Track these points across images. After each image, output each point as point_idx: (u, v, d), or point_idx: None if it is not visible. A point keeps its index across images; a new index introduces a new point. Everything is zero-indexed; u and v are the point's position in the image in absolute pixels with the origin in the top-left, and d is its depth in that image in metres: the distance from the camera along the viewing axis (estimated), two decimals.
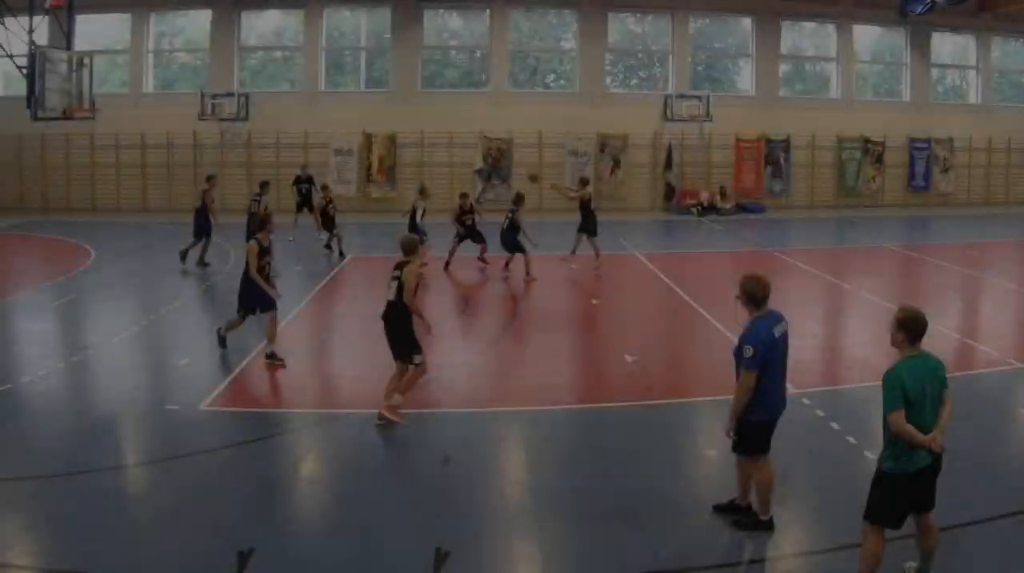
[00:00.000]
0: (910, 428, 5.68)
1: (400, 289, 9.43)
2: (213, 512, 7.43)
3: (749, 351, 6.55)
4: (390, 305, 9.57)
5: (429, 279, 17.46)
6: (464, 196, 18.98)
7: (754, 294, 6.69)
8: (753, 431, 6.77)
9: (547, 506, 7.58)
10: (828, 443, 8.86)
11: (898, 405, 5.67)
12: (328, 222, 20.56)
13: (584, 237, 19.25)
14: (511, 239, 17.91)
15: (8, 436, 9.32)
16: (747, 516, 7.04)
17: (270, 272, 11.84)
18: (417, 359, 9.62)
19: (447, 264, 18.49)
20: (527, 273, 17.56)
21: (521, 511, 7.56)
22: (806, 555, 6.71)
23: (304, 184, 23.50)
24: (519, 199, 18.20)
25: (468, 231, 18.48)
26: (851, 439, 8.89)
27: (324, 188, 21.91)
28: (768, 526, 6.91)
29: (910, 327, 5.83)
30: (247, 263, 11.53)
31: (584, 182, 20.27)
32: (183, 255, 19.06)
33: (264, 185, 19.22)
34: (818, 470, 8.23)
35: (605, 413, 10.06)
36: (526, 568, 6.81)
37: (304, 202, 23.30)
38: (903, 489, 5.80)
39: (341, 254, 20.12)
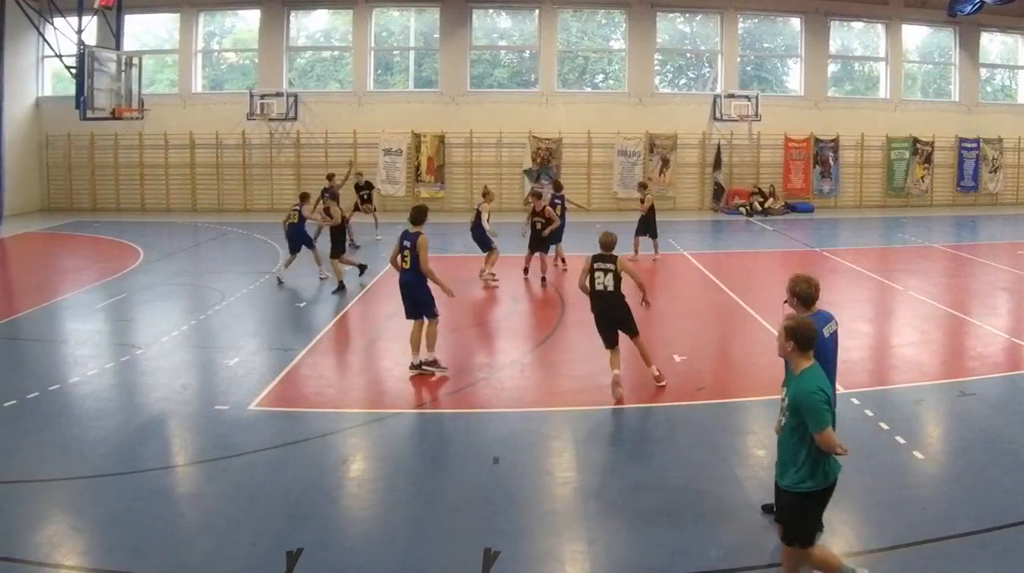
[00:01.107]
0: (837, 440, 5.39)
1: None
2: (262, 512, 7.23)
3: None
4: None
5: (501, 281, 16.68)
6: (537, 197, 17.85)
7: (804, 294, 6.51)
8: None
9: (596, 506, 7.32)
10: (877, 443, 8.55)
11: (830, 421, 5.35)
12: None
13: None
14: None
15: (57, 436, 9.02)
16: None
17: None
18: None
19: (526, 269, 17.54)
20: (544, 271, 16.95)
21: (570, 511, 7.30)
22: (855, 555, 6.46)
23: (364, 191, 22.15)
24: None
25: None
26: (900, 439, 8.61)
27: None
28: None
29: (802, 338, 5.49)
30: (421, 259, 10.64)
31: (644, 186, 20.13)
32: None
33: (304, 196, 17.72)
34: (867, 470, 7.85)
35: (654, 412, 9.75)
36: (575, 568, 6.51)
37: (365, 207, 21.92)
38: (821, 502, 5.55)
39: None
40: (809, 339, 5.49)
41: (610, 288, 9.93)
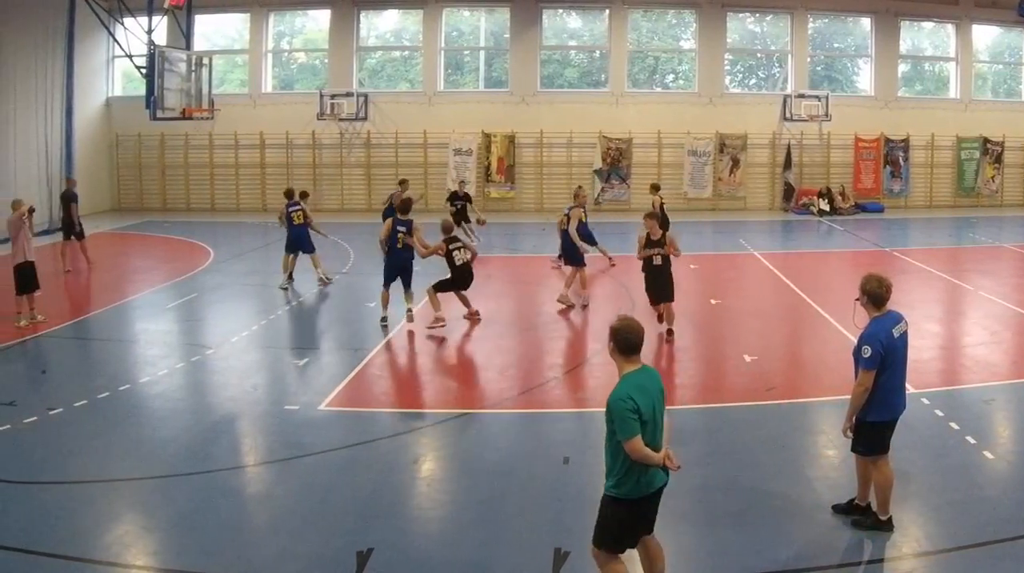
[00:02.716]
0: (648, 451, 4.96)
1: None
2: (332, 512, 6.98)
3: (867, 351, 6.17)
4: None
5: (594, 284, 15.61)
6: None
7: (875, 294, 6.30)
8: (873, 432, 6.35)
9: (666, 506, 6.31)
10: (947, 443, 8.26)
11: (636, 431, 4.90)
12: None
13: None
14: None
15: (127, 436, 8.74)
16: (866, 516, 6.57)
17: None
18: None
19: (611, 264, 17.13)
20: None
21: None
22: (925, 555, 6.23)
23: (460, 201, 20.40)
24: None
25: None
26: (970, 439, 8.28)
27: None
28: (887, 526, 6.44)
29: (621, 340, 5.07)
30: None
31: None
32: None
33: (304, 195, 16.34)
34: (937, 470, 7.63)
35: (724, 413, 9.45)
36: None
37: (460, 218, 19.63)
38: (632, 513, 5.14)
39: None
40: (628, 341, 5.07)
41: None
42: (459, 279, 12.72)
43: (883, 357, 6.18)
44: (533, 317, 13.72)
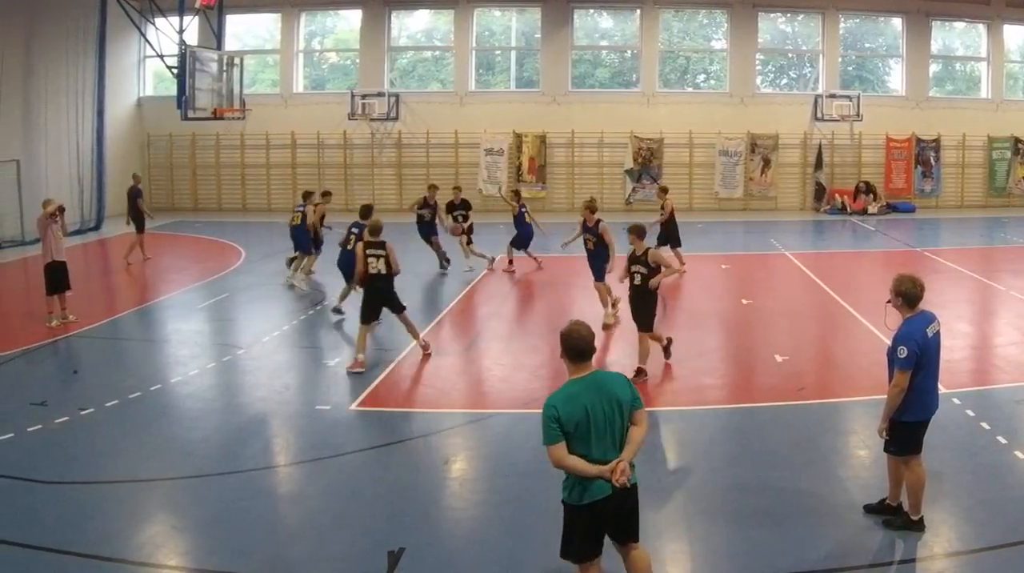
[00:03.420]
0: (574, 460, 4.73)
1: (387, 263, 10.56)
2: (363, 512, 6.84)
3: (903, 351, 6.05)
4: (378, 277, 10.60)
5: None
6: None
7: (909, 294, 6.20)
8: (906, 431, 6.24)
9: (697, 505, 6.94)
10: (979, 443, 8.06)
11: (554, 439, 4.71)
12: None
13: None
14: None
15: (159, 436, 8.57)
16: (898, 516, 6.47)
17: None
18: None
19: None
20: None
21: (672, 510, 6.89)
22: (957, 555, 6.13)
23: (460, 211, 17.93)
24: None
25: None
26: (1002, 439, 8.06)
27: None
28: (919, 526, 6.34)
29: (568, 347, 4.86)
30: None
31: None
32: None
33: (307, 195, 15.97)
34: (969, 470, 7.43)
35: (755, 412, 9.27)
36: (676, 568, 6.14)
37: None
38: (578, 521, 4.91)
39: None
40: (575, 347, 4.82)
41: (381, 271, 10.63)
42: (368, 296, 10.85)
43: (918, 357, 6.09)
44: (564, 317, 13.04)
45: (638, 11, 27.29)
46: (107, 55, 24.66)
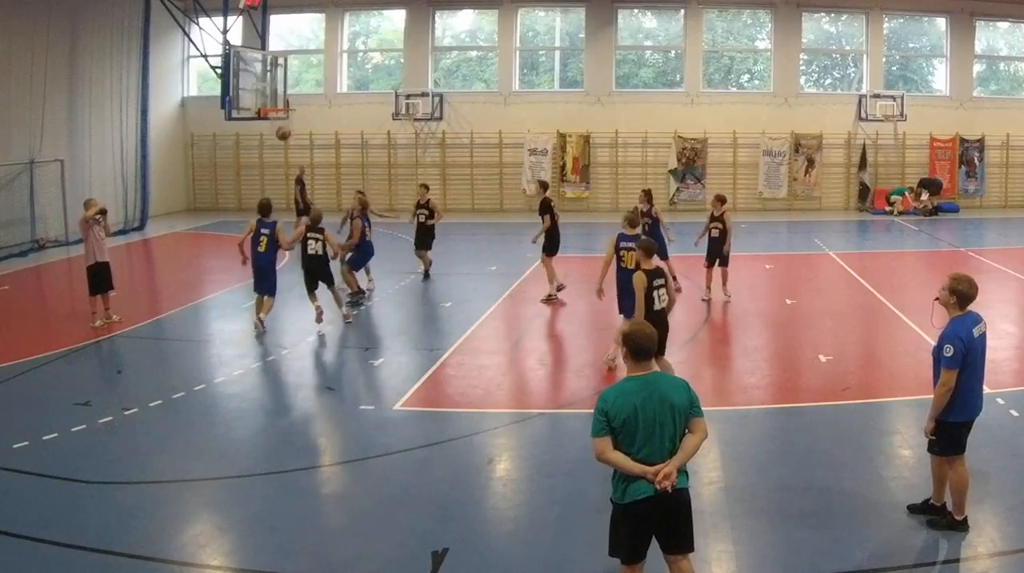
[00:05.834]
0: (616, 456, 4.56)
1: (324, 246, 12.08)
2: (407, 512, 6.60)
3: (950, 350, 5.84)
4: (316, 257, 12.07)
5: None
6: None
7: (964, 294, 5.99)
8: (951, 432, 6.05)
9: (741, 505, 6.67)
10: (1022, 443, 7.77)
11: (599, 431, 4.56)
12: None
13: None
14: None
15: (202, 436, 8.29)
16: (942, 516, 6.27)
17: None
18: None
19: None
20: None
21: (714, 510, 6.60)
22: (1001, 555, 5.94)
23: (545, 213, 17.96)
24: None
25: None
26: None
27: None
28: (963, 526, 6.14)
29: (630, 344, 4.67)
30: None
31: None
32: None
33: (362, 200, 14.59)
34: (1013, 470, 7.16)
35: (800, 412, 8.94)
36: (720, 568, 5.87)
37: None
38: (622, 520, 4.77)
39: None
40: (638, 346, 4.66)
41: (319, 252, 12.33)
42: (307, 273, 12.24)
43: (964, 356, 5.87)
44: (608, 317, 12.47)
45: (682, 11, 26.08)
46: (151, 55, 23.73)
